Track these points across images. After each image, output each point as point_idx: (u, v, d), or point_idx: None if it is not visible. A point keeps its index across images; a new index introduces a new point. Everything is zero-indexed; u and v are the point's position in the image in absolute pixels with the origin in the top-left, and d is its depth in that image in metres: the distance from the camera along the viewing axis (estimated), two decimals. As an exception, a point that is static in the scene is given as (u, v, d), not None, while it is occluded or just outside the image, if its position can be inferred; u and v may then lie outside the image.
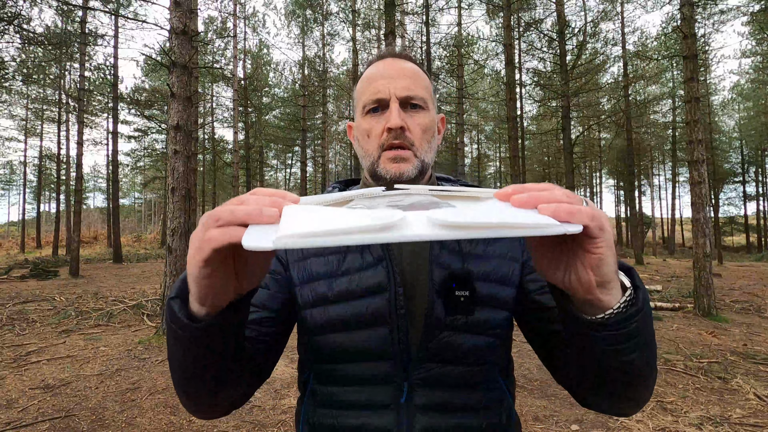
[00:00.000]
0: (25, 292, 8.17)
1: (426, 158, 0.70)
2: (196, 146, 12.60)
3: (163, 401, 3.22)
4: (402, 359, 0.63)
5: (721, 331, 5.26)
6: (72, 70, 18.83)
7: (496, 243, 0.70)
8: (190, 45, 5.11)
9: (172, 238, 4.87)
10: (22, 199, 26.20)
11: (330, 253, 0.68)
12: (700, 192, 6.25)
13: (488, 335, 0.65)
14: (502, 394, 0.68)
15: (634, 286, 0.46)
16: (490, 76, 21.64)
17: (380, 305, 0.63)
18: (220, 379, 0.52)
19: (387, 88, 0.68)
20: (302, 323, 0.68)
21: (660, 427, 2.76)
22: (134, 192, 53.86)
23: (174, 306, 0.46)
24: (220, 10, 16.81)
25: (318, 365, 0.68)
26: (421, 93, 0.70)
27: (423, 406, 0.62)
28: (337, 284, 0.65)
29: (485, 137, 32.32)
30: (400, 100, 0.68)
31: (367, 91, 0.71)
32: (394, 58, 0.73)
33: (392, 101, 0.68)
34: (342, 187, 0.81)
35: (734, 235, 35.37)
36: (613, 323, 0.43)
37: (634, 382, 0.50)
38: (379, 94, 0.68)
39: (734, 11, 16.01)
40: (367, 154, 0.71)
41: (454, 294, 0.62)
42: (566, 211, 0.37)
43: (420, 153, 0.69)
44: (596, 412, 0.61)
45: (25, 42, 12.14)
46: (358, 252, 0.67)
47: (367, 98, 0.70)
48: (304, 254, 0.70)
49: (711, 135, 21.08)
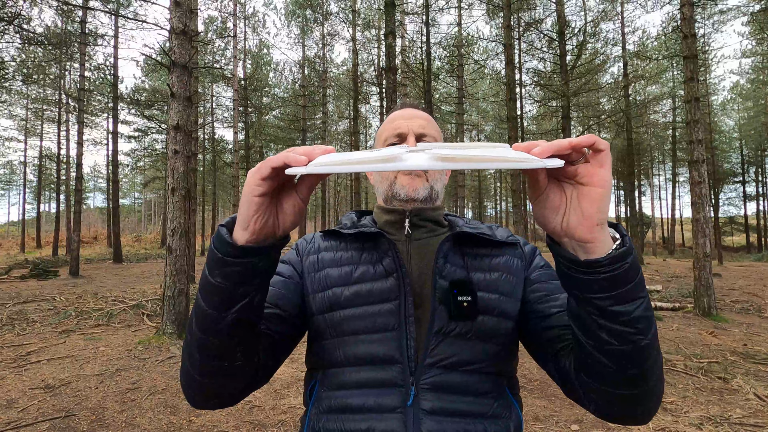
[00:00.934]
0: (25, 292, 8.17)
1: (436, 186, 0.79)
2: (196, 146, 12.60)
3: (163, 401, 3.22)
4: (409, 364, 0.65)
5: (721, 331, 5.26)
6: (72, 70, 18.84)
7: (499, 258, 0.74)
8: (190, 45, 5.11)
9: (172, 238, 4.87)
10: (22, 199, 26.21)
11: (344, 264, 0.74)
12: (700, 192, 6.25)
13: (493, 343, 0.68)
14: (509, 405, 0.68)
15: (621, 234, 0.51)
16: (490, 76, 21.62)
17: (390, 312, 0.68)
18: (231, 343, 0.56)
19: (406, 125, 0.80)
20: (313, 330, 0.73)
21: (660, 427, 2.76)
22: (134, 192, 53.88)
23: (221, 230, 0.53)
24: (220, 10, 16.82)
25: (326, 370, 0.70)
26: (433, 133, 0.81)
27: (429, 411, 0.63)
28: (350, 291, 0.70)
29: (485, 137, 32.32)
30: (416, 135, 0.79)
31: (388, 129, 0.82)
32: (413, 108, 0.86)
33: (410, 135, 0.78)
34: (358, 215, 0.89)
35: (734, 235, 35.37)
36: (608, 261, 0.47)
37: (640, 357, 0.50)
38: (399, 130, 0.79)
39: (734, 11, 16.03)
40: (384, 179, 0.80)
41: (456, 299, 0.65)
42: (553, 146, 0.44)
43: (431, 180, 0.78)
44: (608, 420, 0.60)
45: (25, 42, 12.14)
46: (371, 264, 0.72)
47: (389, 134, 0.81)
48: (319, 266, 0.76)
49: (711, 135, 21.07)
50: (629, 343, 0.49)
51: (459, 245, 0.74)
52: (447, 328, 0.66)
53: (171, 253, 4.86)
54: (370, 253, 0.74)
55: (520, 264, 0.75)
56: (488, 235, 0.75)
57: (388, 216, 0.80)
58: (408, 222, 0.78)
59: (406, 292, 0.68)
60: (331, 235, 0.81)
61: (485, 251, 0.75)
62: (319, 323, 0.71)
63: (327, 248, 0.78)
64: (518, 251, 0.77)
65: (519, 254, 0.76)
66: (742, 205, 29.21)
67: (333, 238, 0.80)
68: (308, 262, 0.77)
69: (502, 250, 0.76)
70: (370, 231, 0.74)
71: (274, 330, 0.68)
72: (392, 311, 0.67)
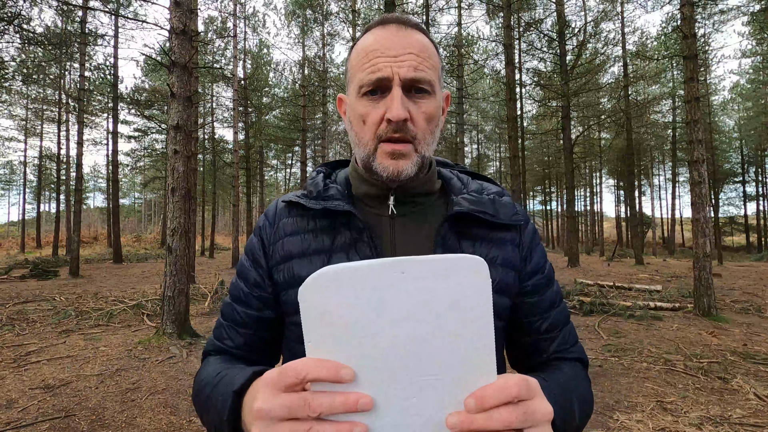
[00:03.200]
0: (25, 292, 8.17)
1: (427, 152, 0.62)
2: (196, 146, 12.60)
3: (163, 401, 3.22)
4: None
5: (721, 331, 5.26)
6: (72, 70, 18.85)
7: (498, 249, 0.65)
8: (190, 45, 5.11)
9: (172, 238, 4.87)
10: (22, 199, 26.22)
11: (312, 254, 0.63)
12: (700, 192, 6.25)
13: None
14: None
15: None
16: (490, 76, 21.63)
17: None
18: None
19: (390, 66, 0.57)
20: (288, 329, 0.67)
21: (660, 427, 2.76)
22: (134, 192, 53.85)
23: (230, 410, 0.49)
24: (220, 10, 16.83)
25: None
26: (429, 75, 0.59)
27: None
28: None
29: (485, 137, 32.35)
30: (404, 83, 0.57)
31: (365, 66, 0.59)
32: (400, 25, 0.60)
33: (395, 84, 0.57)
34: (328, 171, 0.74)
35: (734, 235, 35.39)
36: None
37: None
38: (380, 73, 0.57)
39: (734, 11, 16.02)
40: (361, 143, 0.61)
41: None
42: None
43: (421, 147, 0.60)
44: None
45: (25, 42, 12.14)
46: (344, 252, 0.62)
47: (365, 76, 0.58)
48: (285, 255, 0.65)
49: (711, 135, 21.08)
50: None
51: (455, 224, 0.63)
52: None
53: (171, 253, 4.86)
54: (342, 234, 0.62)
55: (519, 255, 0.66)
56: (491, 215, 0.63)
57: (367, 187, 0.66)
58: (393, 199, 0.64)
59: None
60: (295, 208, 0.67)
61: (484, 233, 0.64)
62: (294, 324, 0.63)
63: (293, 231, 0.65)
64: (517, 238, 0.66)
65: (518, 242, 0.66)
66: (742, 205, 29.23)
67: (297, 214, 0.66)
68: (274, 252, 0.66)
69: (504, 235, 0.65)
70: (338, 209, 0.61)
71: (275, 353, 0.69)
72: None
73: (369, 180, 0.65)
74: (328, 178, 0.71)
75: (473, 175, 0.75)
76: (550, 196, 35.50)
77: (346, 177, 0.71)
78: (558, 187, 30.14)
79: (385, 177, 0.60)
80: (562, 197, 25.11)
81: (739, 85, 26.69)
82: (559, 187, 29.27)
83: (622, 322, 5.76)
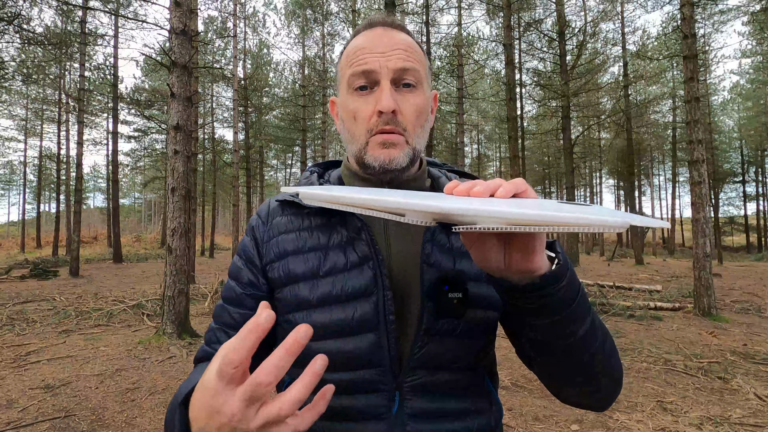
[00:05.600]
0: (25, 292, 8.17)
1: (418, 145, 0.63)
2: (196, 146, 12.60)
3: (163, 401, 3.22)
4: (392, 367, 0.59)
5: (721, 331, 5.26)
6: (72, 70, 18.84)
7: None
8: (190, 45, 5.11)
9: (172, 238, 4.87)
10: (22, 199, 26.24)
11: (309, 251, 0.63)
12: (700, 192, 6.25)
13: (479, 337, 0.62)
14: (491, 397, 0.66)
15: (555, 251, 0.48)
16: (490, 76, 21.64)
17: (367, 311, 0.59)
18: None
19: (378, 60, 0.59)
20: (282, 327, 0.65)
21: (660, 427, 2.76)
22: (134, 192, 53.86)
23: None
24: (220, 10, 16.81)
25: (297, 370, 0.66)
26: (417, 67, 0.61)
27: (414, 415, 0.59)
28: (320, 287, 0.61)
29: (485, 137, 32.33)
30: (393, 77, 0.60)
31: (353, 62, 0.61)
32: (386, 27, 0.63)
33: (383, 78, 0.59)
34: (321, 171, 0.75)
35: (734, 235, 35.36)
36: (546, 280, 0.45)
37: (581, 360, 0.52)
38: (368, 66, 0.60)
39: (734, 11, 16.02)
40: (353, 139, 0.63)
41: (446, 296, 0.58)
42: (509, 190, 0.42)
43: (412, 139, 0.62)
44: (572, 406, 0.63)
45: (25, 42, 12.14)
46: (341, 250, 0.62)
47: (355, 71, 0.61)
48: (280, 253, 0.64)
49: (711, 135, 21.08)
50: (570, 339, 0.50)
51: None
52: (435, 327, 0.59)
53: (171, 253, 4.86)
54: (338, 232, 0.63)
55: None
56: None
57: (359, 184, 0.67)
58: None
59: (384, 285, 0.59)
60: (289, 207, 0.68)
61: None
62: (291, 322, 0.62)
63: (287, 229, 0.65)
64: None
65: None
66: (742, 205, 29.22)
67: (292, 212, 0.67)
68: (268, 250, 0.66)
69: None
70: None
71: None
72: (369, 310, 0.59)
73: (362, 176, 0.67)
74: (321, 177, 0.73)
75: (461, 174, 0.76)
76: (550, 196, 35.52)
77: (339, 176, 0.72)
78: (558, 187, 30.15)
79: (377, 166, 0.61)
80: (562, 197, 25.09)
81: (739, 85, 26.69)
82: (559, 187, 29.28)
83: (622, 322, 5.76)
